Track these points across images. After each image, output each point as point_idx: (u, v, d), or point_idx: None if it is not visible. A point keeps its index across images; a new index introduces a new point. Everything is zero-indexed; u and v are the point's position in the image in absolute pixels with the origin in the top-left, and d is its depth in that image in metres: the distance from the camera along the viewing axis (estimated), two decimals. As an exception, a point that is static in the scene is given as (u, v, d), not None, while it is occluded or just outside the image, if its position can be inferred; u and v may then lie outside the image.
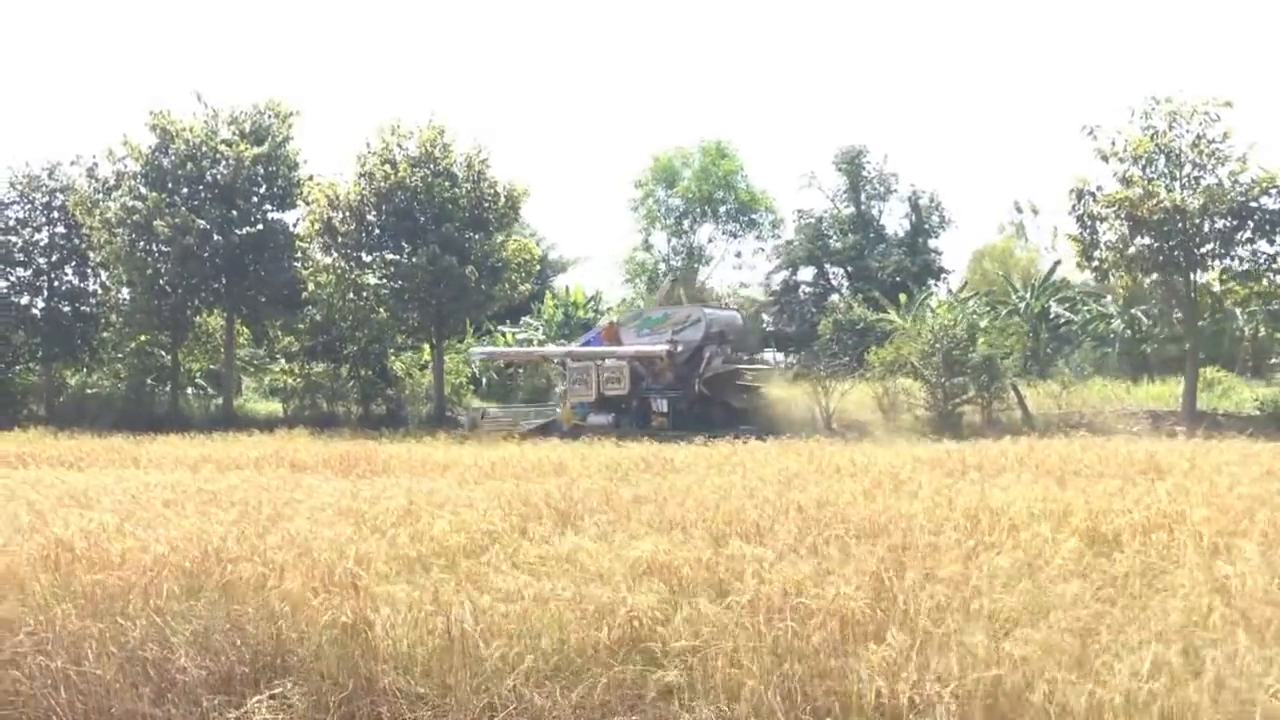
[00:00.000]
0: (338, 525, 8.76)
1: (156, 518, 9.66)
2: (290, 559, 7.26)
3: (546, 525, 9.31)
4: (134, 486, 13.56)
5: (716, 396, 28.32)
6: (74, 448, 23.92)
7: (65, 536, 8.25)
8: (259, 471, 16.22)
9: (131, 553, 7.70)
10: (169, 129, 41.42)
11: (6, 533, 8.80)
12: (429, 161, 36.50)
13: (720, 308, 30.95)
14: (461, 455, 18.01)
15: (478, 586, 6.55)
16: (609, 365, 28.87)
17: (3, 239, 46.12)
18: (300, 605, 6.64)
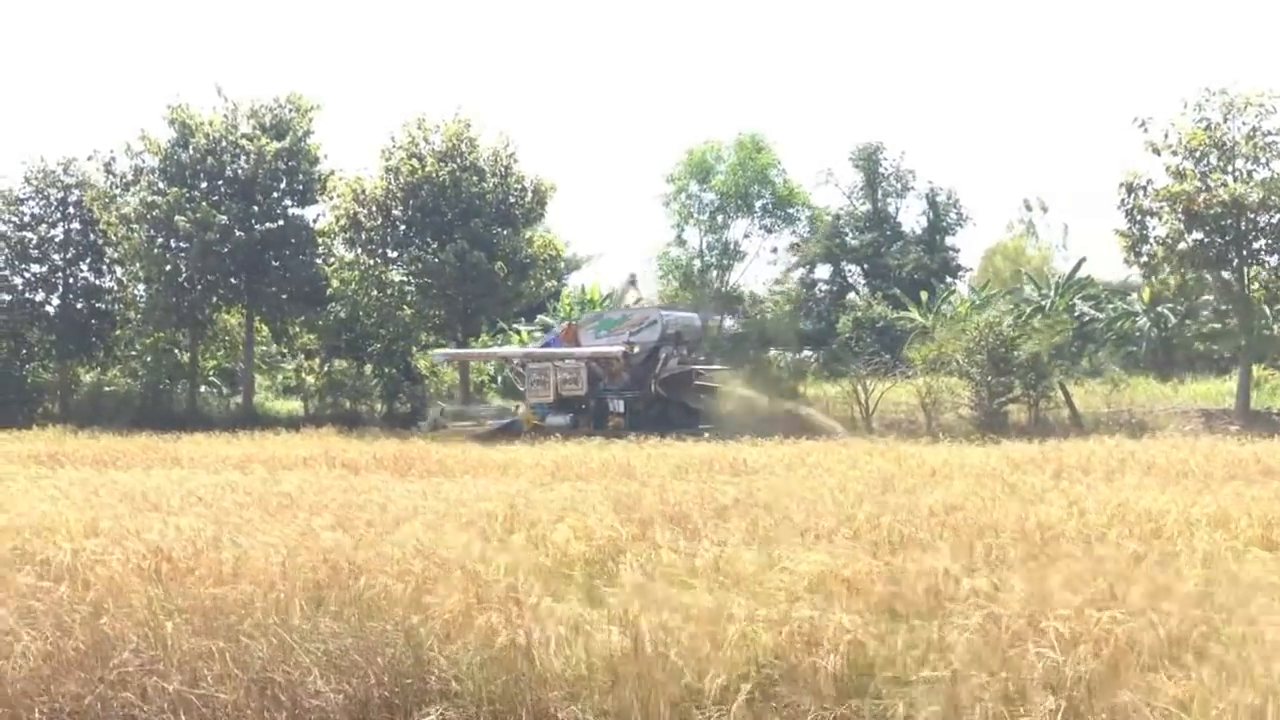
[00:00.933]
0: (455, 532, 8.11)
1: (246, 523, 9.03)
2: (430, 570, 6.61)
3: (667, 532, 8.66)
4: (195, 488, 12.94)
5: (673, 397, 28.45)
6: (106, 447, 23.32)
7: (164, 545, 7.61)
8: (313, 472, 15.60)
9: (244, 563, 7.05)
10: (188, 123, 40.75)
11: (99, 540, 8.16)
12: (455, 156, 35.85)
13: (679, 309, 31.27)
14: (518, 456, 17.39)
15: (648, 601, 5.91)
16: (566, 366, 28.86)
17: (18, 235, 45.52)
18: (448, 622, 6.00)
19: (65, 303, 46.08)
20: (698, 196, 32.74)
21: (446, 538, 7.58)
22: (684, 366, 29.00)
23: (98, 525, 9.14)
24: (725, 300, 32.77)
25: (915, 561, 6.67)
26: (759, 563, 6.86)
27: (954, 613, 5.41)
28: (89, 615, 7.14)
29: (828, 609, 5.52)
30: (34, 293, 46.44)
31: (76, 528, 9.11)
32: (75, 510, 10.54)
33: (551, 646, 5.60)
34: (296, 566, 6.84)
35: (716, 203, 32.43)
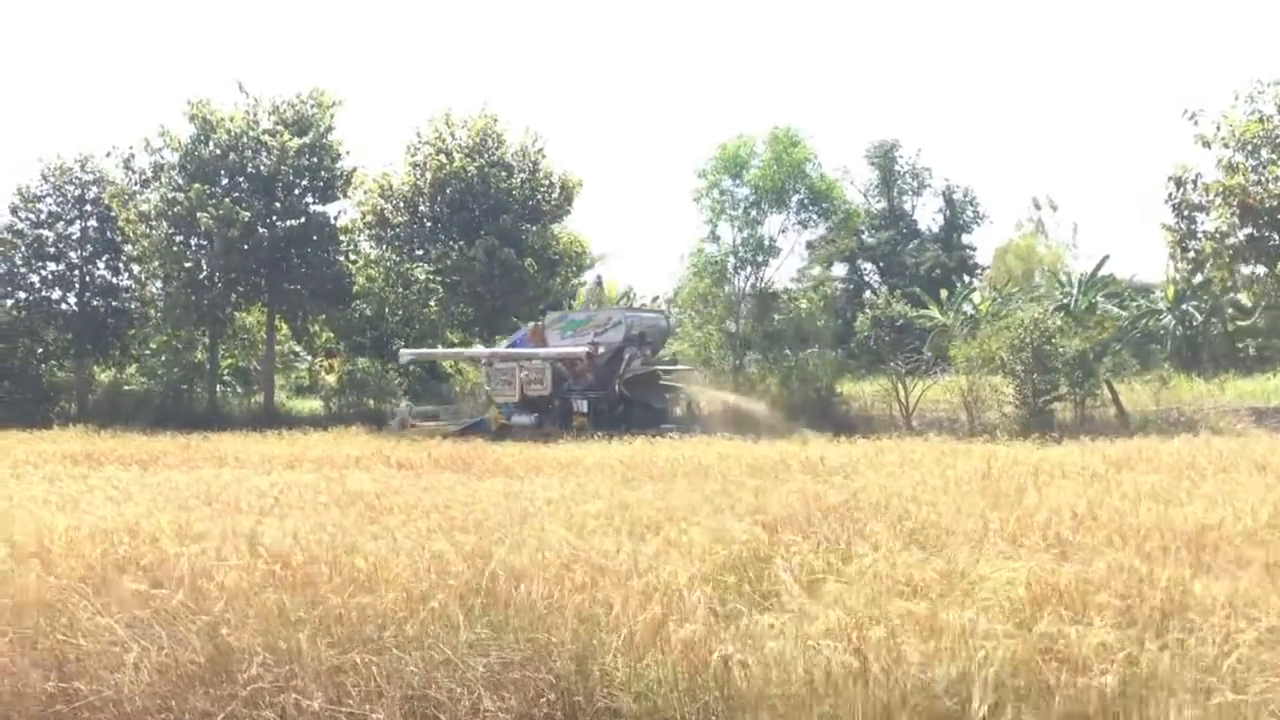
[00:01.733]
0: (596, 535, 7.57)
1: (348, 526, 8.49)
2: (591, 575, 6.08)
3: (796, 535, 8.12)
4: (260, 489, 12.40)
5: (637, 397, 28.67)
6: (141, 446, 22.79)
7: (281, 550, 7.08)
8: (373, 471, 15.06)
9: (382, 568, 6.52)
10: (209, 119, 40.23)
11: (210, 542, 7.62)
12: (483, 151, 35.33)
13: (644, 310, 31.89)
14: (578, 454, 16.88)
15: (850, 611, 5.37)
16: (531, 366, 29.15)
17: (35, 232, 45.02)
18: (632, 633, 5.47)
19: (82, 301, 45.60)
20: (731, 192, 32.17)
21: (592, 540, 7.04)
22: (647, 367, 29.14)
23: (189, 528, 8.60)
24: (760, 298, 32.21)
25: (1115, 566, 6.14)
26: (938, 570, 6.33)
27: (1200, 625, 4.90)
28: (207, 626, 6.62)
29: (1073, 621, 4.99)
30: (50, 291, 45.99)
31: (167, 530, 8.57)
32: (148, 512, 10.01)
33: (755, 664, 5.06)
34: (445, 572, 6.29)
35: (751, 198, 31.84)
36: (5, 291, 45.50)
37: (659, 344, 31.03)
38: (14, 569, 7.85)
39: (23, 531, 8.87)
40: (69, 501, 11.72)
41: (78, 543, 8.16)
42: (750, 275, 32.25)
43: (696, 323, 33.28)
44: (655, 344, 30.55)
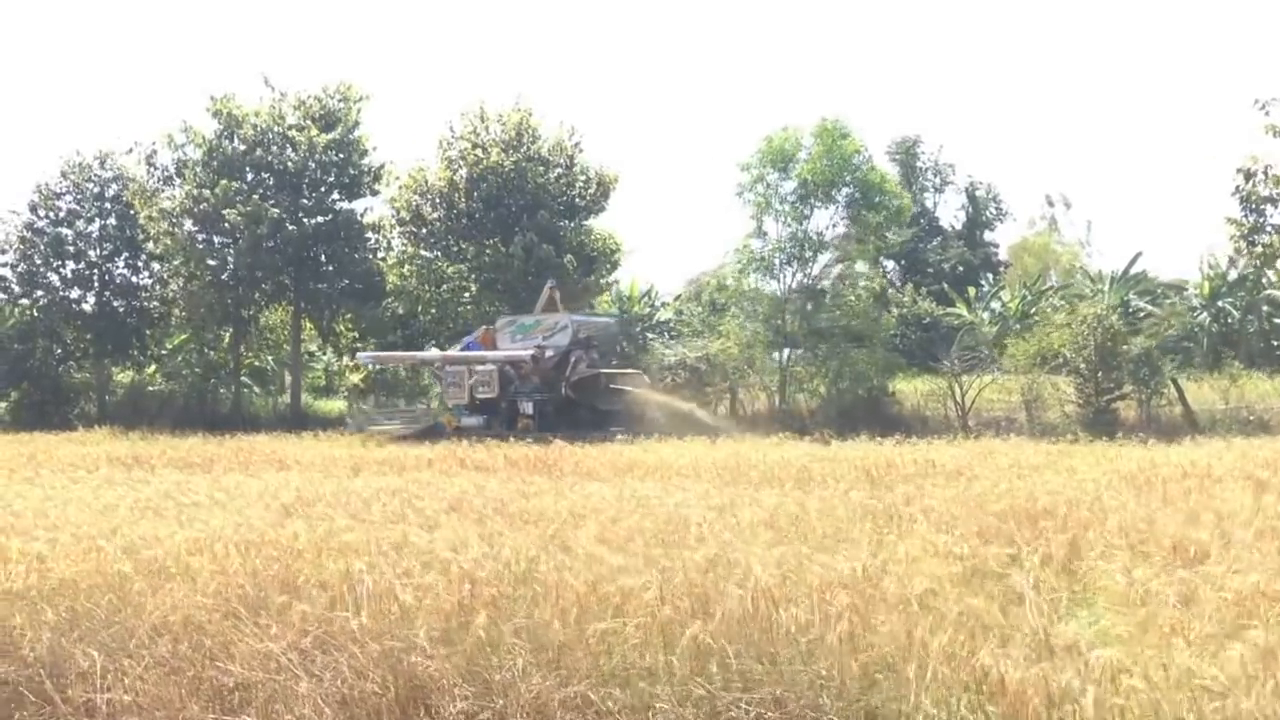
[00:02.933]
0: (779, 546, 6.80)
1: (521, 538, 7.70)
2: (850, 599, 5.30)
3: (1009, 547, 7.36)
4: (361, 494, 11.64)
5: (583, 399, 29.12)
6: (189, 449, 22.03)
7: (469, 568, 6.32)
8: (455, 475, 14.29)
9: (598, 588, 5.75)
10: (234, 114, 39.43)
11: (364, 555, 6.86)
12: (518, 145, 34.56)
13: (595, 315, 32.26)
14: (664, 455, 16.12)
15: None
16: (480, 370, 29.60)
17: (54, 231, 44.24)
18: (925, 668, 4.70)
19: (102, 300, 44.84)
20: (776, 186, 31.40)
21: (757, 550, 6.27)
22: (593, 370, 29.52)
23: (329, 540, 7.83)
24: (807, 294, 31.46)
25: None
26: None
27: None
28: (391, 653, 5.86)
29: None
30: (69, 290, 45.22)
31: (306, 542, 7.81)
32: (271, 523, 9.25)
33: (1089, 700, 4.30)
34: (693, 594, 5.52)
35: (798, 192, 31.08)
36: (24, 290, 44.78)
37: (610, 347, 31.39)
38: (149, 587, 7.10)
39: (141, 545, 8.11)
40: (161, 510, 10.97)
41: (220, 558, 7.38)
42: (796, 271, 31.47)
43: (740, 320, 32.52)
44: (605, 347, 30.94)
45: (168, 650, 6.70)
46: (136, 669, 6.56)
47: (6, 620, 7.41)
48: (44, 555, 7.99)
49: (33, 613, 7.40)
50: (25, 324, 44.60)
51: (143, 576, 7.32)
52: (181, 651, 6.62)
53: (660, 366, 33.20)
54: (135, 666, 6.59)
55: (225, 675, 6.32)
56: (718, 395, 33.22)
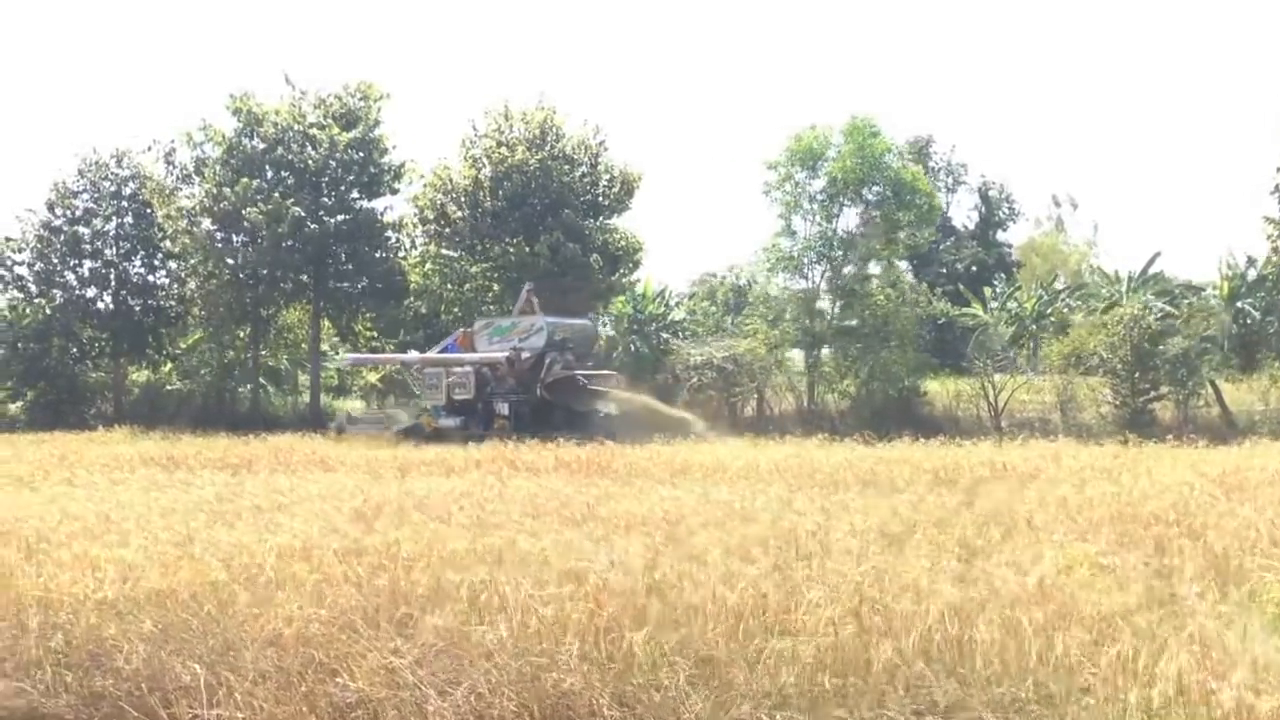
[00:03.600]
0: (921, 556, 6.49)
1: (635, 546, 7.40)
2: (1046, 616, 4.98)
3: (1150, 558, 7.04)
4: (426, 497, 11.33)
5: (558, 400, 29.51)
6: (223, 449, 21.71)
7: (604, 579, 6.00)
8: (501, 478, 13.96)
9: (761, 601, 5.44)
10: (254, 112, 39.09)
11: (477, 567, 6.54)
12: (542, 144, 34.25)
13: (570, 318, 32.19)
14: (720, 456, 15.81)
15: None
16: (457, 372, 30.23)
17: (71, 229, 43.89)
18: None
19: (118, 299, 44.50)
20: (805, 184, 31.11)
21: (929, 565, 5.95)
22: (567, 371, 29.85)
23: (435, 548, 7.52)
24: (838, 293, 31.15)
25: None
26: None
27: None
28: (532, 670, 5.55)
29: None
30: (85, 289, 44.89)
31: (411, 551, 7.50)
32: (362, 530, 8.94)
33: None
34: (886, 612, 5.20)
35: (828, 190, 30.77)
36: (41, 290, 44.46)
37: (586, 350, 31.85)
38: (254, 598, 6.78)
39: (231, 552, 7.80)
40: (225, 514, 10.67)
41: (321, 566, 7.07)
42: (826, 270, 31.15)
43: (769, 319, 32.24)
44: (581, 350, 31.34)
45: (272, 664, 6.40)
46: (243, 684, 6.27)
47: (99, 630, 7.12)
48: (133, 562, 7.69)
49: (126, 623, 7.10)
50: (41, 323, 44.28)
51: (241, 585, 7.01)
52: (291, 665, 6.32)
53: (685, 366, 32.91)
54: (242, 681, 6.29)
55: (345, 692, 6.02)
56: (745, 396, 32.96)
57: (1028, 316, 50.19)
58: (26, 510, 10.92)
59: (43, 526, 9.82)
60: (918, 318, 40.78)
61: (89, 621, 7.14)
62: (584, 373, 30.19)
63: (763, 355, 32.35)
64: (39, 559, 8.45)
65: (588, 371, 30.49)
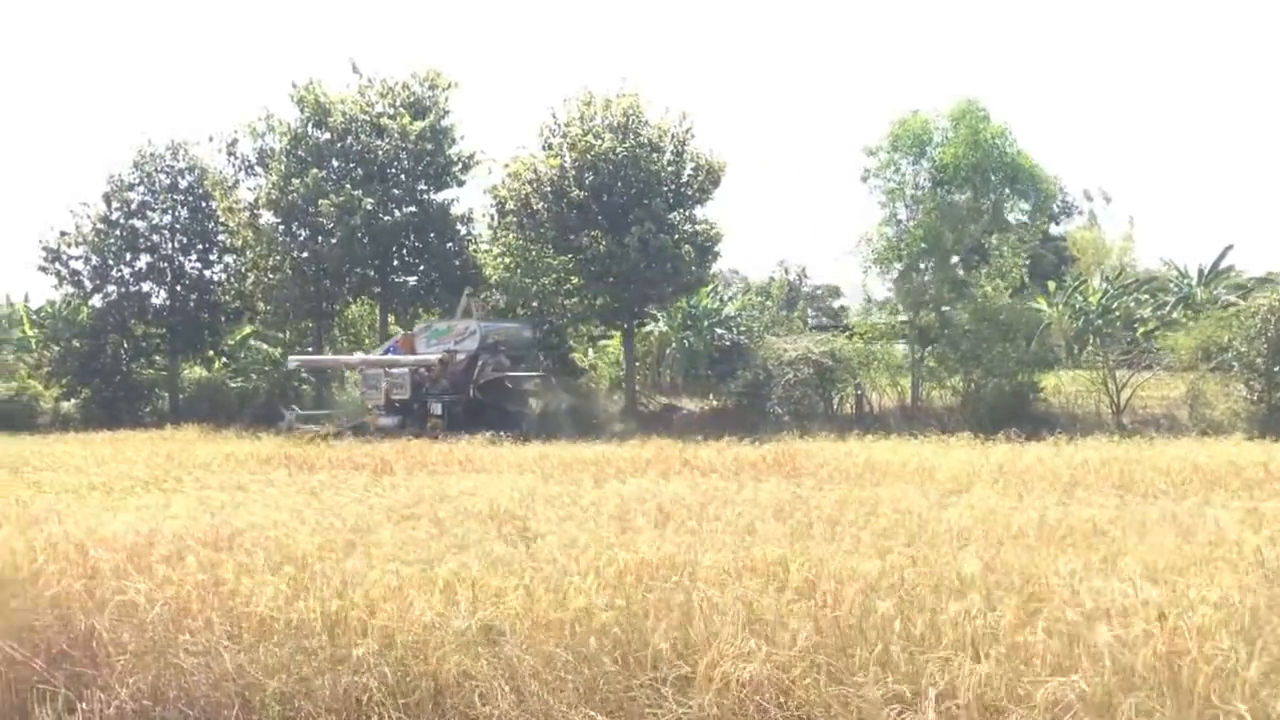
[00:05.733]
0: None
1: None
2: None
3: None
4: (623, 502, 10.21)
5: (490, 400, 30.59)
6: (345, 449, 20.63)
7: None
8: (737, 481, 12.84)
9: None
10: (321, 102, 37.99)
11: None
12: (629, 131, 33.13)
13: (504, 321, 34.35)
14: (923, 457, 14.68)
15: None
16: (394, 373, 31.28)
17: (127, 223, 42.91)
18: None
19: (174, 294, 43.53)
20: (909, 171, 29.96)
21: None
22: (498, 373, 31.14)
23: (825, 565, 6.40)
24: (946, 284, 29.95)
25: None
26: None
27: None
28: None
29: None
30: (140, 284, 43.92)
31: (804, 573, 6.37)
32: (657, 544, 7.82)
33: None
34: None
35: (934, 177, 29.59)
36: (95, 285, 43.50)
37: (521, 352, 33.21)
38: (700, 635, 5.64)
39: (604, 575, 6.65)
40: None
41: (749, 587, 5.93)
42: (932, 261, 29.99)
43: (870, 311, 31.14)
44: (516, 353, 32.69)
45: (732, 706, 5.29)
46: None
47: (468, 669, 5.99)
48: (483, 583, 6.55)
49: (498, 661, 5.98)
50: (96, 319, 43.35)
51: (660, 617, 5.86)
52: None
53: (778, 361, 31.79)
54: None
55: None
56: (843, 392, 31.87)
57: (1092, 311, 49.05)
58: (253, 519, 9.78)
59: (291, 539, 8.69)
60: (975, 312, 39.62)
61: (449, 659, 6.02)
62: (513, 374, 31.58)
63: (861, 350, 31.24)
64: (328, 580, 7.34)
65: (517, 373, 31.85)
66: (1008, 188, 29.76)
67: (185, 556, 7.89)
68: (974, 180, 29.27)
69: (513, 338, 32.85)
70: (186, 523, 9.54)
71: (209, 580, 7.32)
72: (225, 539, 8.79)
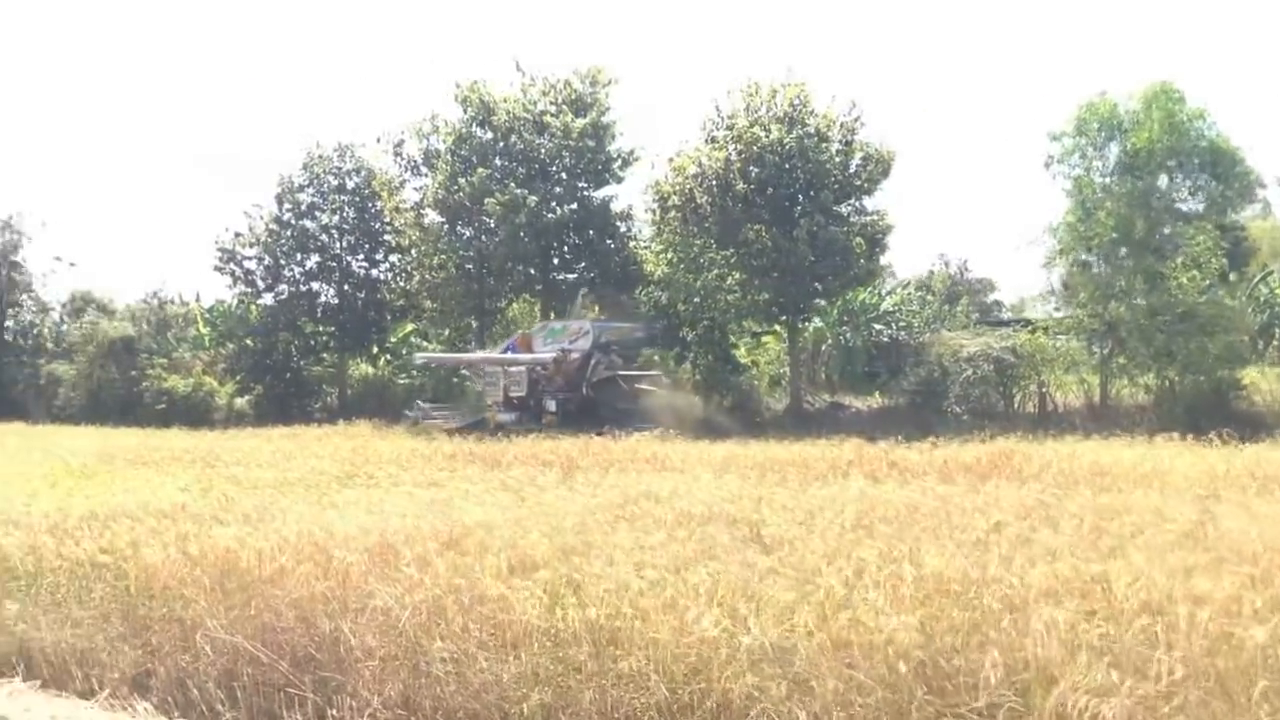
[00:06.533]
0: None
1: None
2: None
3: None
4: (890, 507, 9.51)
5: (602, 398, 31.54)
6: (530, 445, 20.50)
7: None
8: (899, 483, 12.04)
9: None
10: (485, 100, 38.35)
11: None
12: (795, 123, 32.34)
13: (616, 322, 34.97)
14: (1109, 456, 13.61)
15: None
16: (512, 371, 32.48)
17: (298, 224, 44.25)
18: None
19: (342, 293, 44.67)
20: (1099, 158, 28.38)
21: None
22: (610, 371, 32.17)
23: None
24: (1140, 275, 28.25)
25: None
26: None
27: None
28: None
29: None
30: (309, 284, 45.22)
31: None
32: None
33: None
34: None
35: (1127, 163, 27.95)
36: (268, 284, 44.98)
37: (633, 352, 34.11)
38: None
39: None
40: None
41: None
42: (1126, 251, 28.35)
43: (1052, 304, 29.69)
44: (627, 351, 33.60)
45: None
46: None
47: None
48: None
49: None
50: (268, 318, 44.82)
51: (972, 639, 5.24)
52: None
53: (954, 358, 30.57)
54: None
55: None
56: (1025, 390, 30.46)
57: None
58: (474, 518, 9.47)
59: (523, 539, 8.32)
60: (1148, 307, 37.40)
61: (740, 678, 5.50)
62: (626, 373, 32.38)
63: (1045, 346, 29.77)
64: (583, 586, 6.91)
65: (630, 372, 32.63)
66: (1206, 173, 27.85)
67: (430, 558, 7.60)
68: (1169, 165, 27.53)
69: (625, 338, 33.75)
70: (413, 521, 9.30)
71: (463, 584, 6.99)
72: (457, 539, 8.49)
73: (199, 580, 8.09)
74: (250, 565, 7.91)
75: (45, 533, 10.14)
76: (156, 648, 7.98)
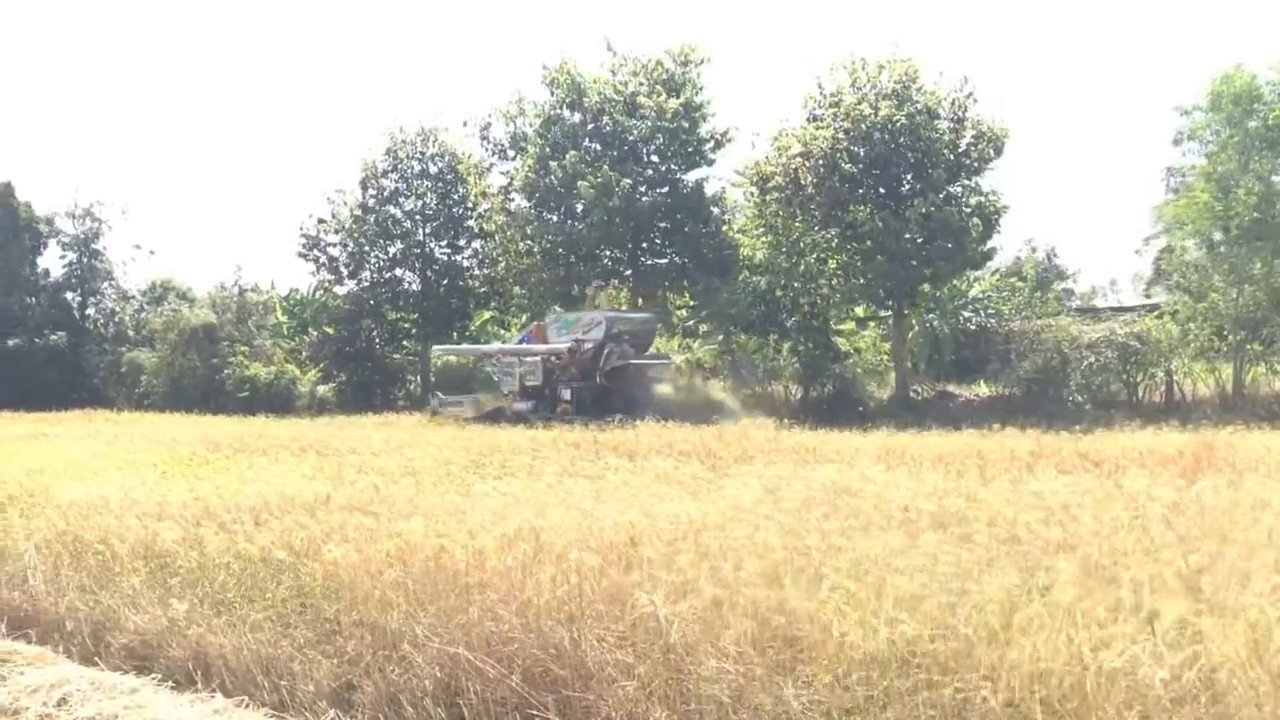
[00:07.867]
0: None
1: None
2: None
3: None
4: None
5: (616, 386, 31.87)
6: (659, 434, 19.55)
7: None
8: (1095, 478, 10.82)
9: None
10: (576, 82, 37.40)
11: None
12: (906, 98, 30.99)
13: (629, 312, 36.06)
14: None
15: None
16: (528, 361, 33.35)
17: (382, 209, 43.72)
18: None
19: (425, 279, 44.09)
20: (1239, 133, 26.78)
21: None
22: (623, 360, 32.25)
23: None
24: (1275, 258, 26.66)
25: None
26: None
27: None
28: None
29: None
30: (392, 270, 44.73)
31: None
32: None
33: None
34: None
35: (1267, 137, 26.36)
36: (351, 270, 44.53)
37: (645, 342, 34.18)
38: None
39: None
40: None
41: None
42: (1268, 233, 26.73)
43: (1186, 288, 28.18)
44: (640, 342, 33.65)
45: None
46: None
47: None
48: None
49: None
50: (352, 305, 44.39)
51: None
52: None
53: (1073, 345, 29.13)
54: None
55: None
56: (1150, 378, 28.94)
57: None
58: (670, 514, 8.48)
59: (760, 543, 7.30)
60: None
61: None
62: (638, 362, 32.66)
63: (1174, 333, 28.24)
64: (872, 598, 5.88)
65: (642, 361, 32.92)
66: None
67: (672, 558, 6.61)
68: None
69: (637, 327, 34.06)
70: (616, 517, 8.32)
71: (727, 594, 5.99)
72: (680, 537, 7.50)
73: (400, 582, 7.21)
74: (468, 566, 6.98)
75: (194, 524, 9.36)
76: (355, 658, 7.11)
